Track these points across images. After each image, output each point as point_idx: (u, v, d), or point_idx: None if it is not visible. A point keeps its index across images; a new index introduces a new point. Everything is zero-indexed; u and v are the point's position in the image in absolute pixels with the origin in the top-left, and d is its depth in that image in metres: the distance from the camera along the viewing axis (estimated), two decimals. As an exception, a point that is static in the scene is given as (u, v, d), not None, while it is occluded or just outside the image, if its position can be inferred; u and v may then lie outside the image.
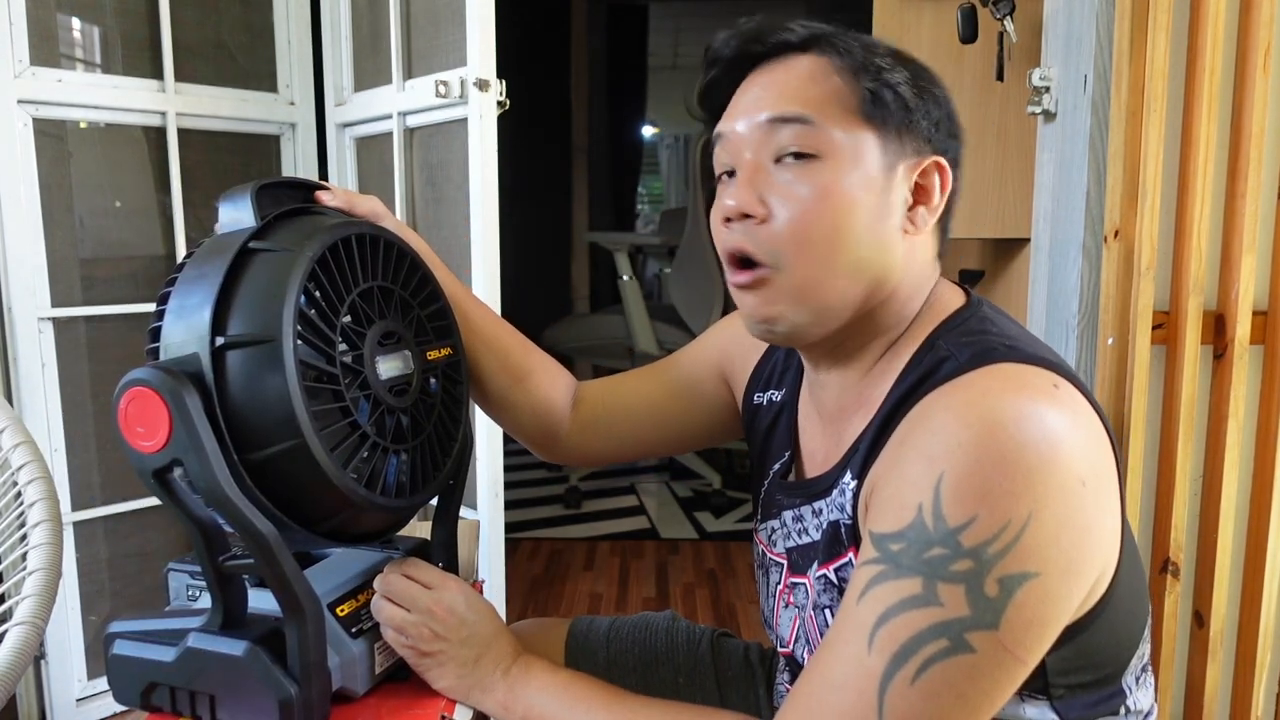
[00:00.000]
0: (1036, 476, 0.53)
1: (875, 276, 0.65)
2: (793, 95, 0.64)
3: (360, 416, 0.66)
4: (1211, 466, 1.18)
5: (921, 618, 0.53)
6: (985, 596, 0.52)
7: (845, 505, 0.65)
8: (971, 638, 0.52)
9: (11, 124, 1.48)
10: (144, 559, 1.74)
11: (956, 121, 0.68)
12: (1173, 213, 1.16)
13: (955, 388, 0.58)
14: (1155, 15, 1.10)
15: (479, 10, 1.48)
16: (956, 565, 0.53)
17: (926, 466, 0.55)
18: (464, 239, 1.57)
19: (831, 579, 0.67)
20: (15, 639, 0.88)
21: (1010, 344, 0.61)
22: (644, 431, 0.90)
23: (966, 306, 0.68)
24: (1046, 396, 0.56)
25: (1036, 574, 0.53)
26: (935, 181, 0.66)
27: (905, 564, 0.54)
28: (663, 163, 6.60)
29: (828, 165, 0.63)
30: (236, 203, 0.68)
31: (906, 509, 0.55)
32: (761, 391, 0.83)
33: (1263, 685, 1.20)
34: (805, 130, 0.63)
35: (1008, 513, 0.52)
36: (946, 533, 0.53)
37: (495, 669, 0.72)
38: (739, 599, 2.26)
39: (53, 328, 1.57)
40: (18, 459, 1.02)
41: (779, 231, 0.63)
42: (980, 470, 0.53)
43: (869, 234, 0.63)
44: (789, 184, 0.63)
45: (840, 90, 0.63)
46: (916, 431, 0.58)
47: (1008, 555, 0.52)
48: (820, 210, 0.62)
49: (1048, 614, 0.54)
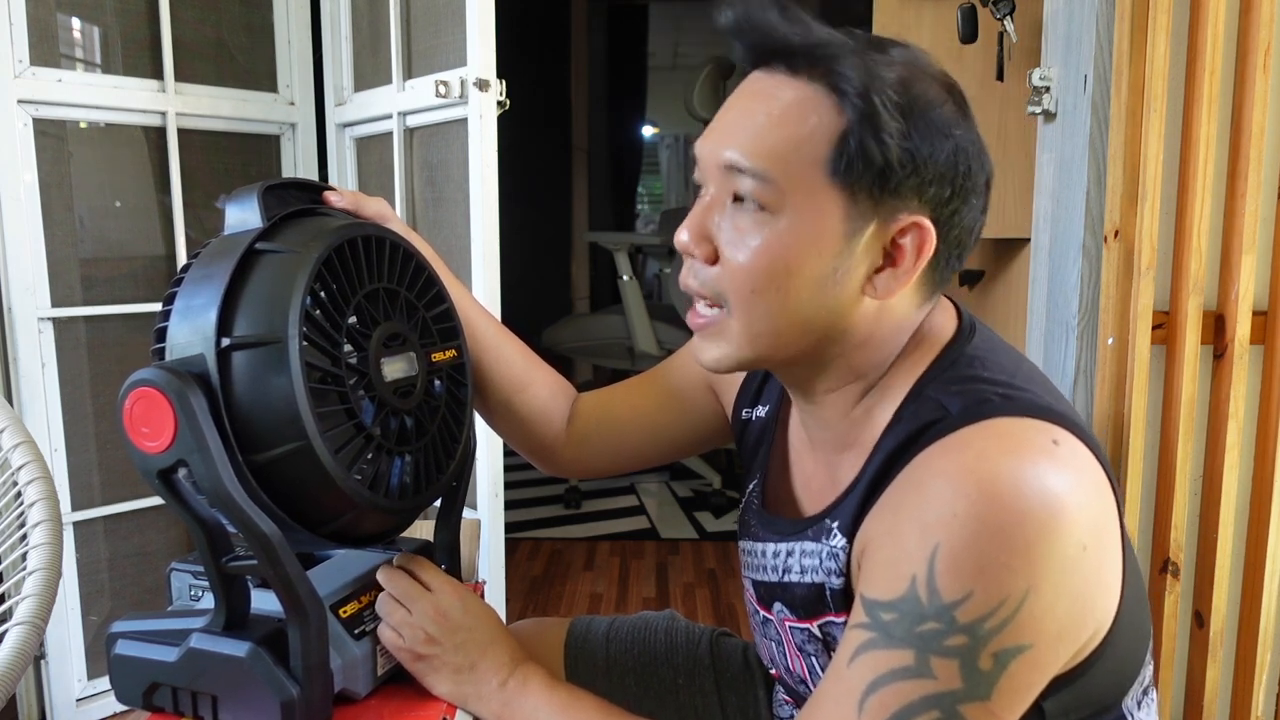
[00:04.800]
0: (1036, 550, 0.52)
1: (826, 334, 0.62)
2: (760, 139, 0.59)
3: (365, 418, 0.66)
4: (1211, 466, 1.18)
5: (913, 689, 0.53)
6: (979, 670, 0.52)
7: (836, 569, 0.63)
8: (964, 709, 0.52)
9: (11, 124, 1.48)
10: (144, 559, 1.74)
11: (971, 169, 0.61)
12: (1173, 213, 1.16)
13: (949, 448, 0.56)
14: (1155, 15, 1.10)
15: (479, 10, 1.48)
16: (951, 640, 0.52)
17: (921, 536, 0.53)
18: (464, 239, 1.57)
19: (815, 634, 0.67)
20: (15, 639, 0.88)
21: (1004, 393, 0.58)
22: (637, 444, 0.89)
23: (956, 341, 0.64)
24: (1046, 456, 0.54)
25: (1030, 645, 0.53)
26: (910, 244, 0.59)
27: (897, 635, 0.53)
28: (663, 163, 6.59)
29: (781, 221, 0.58)
30: (243, 203, 0.68)
31: (900, 579, 0.54)
32: (749, 407, 0.82)
33: (1263, 685, 1.20)
34: (763, 186, 0.58)
35: (1005, 589, 0.51)
36: (941, 608, 0.52)
37: (492, 678, 0.71)
38: (739, 599, 2.26)
39: (53, 328, 1.57)
40: (18, 459, 1.02)
41: (725, 275, 0.61)
42: (977, 544, 0.52)
43: (819, 295, 0.60)
44: (741, 230, 0.60)
45: (816, 135, 0.58)
46: (911, 497, 0.56)
47: (1003, 631, 0.52)
48: (767, 265, 0.59)
49: (1036, 680, 0.55)
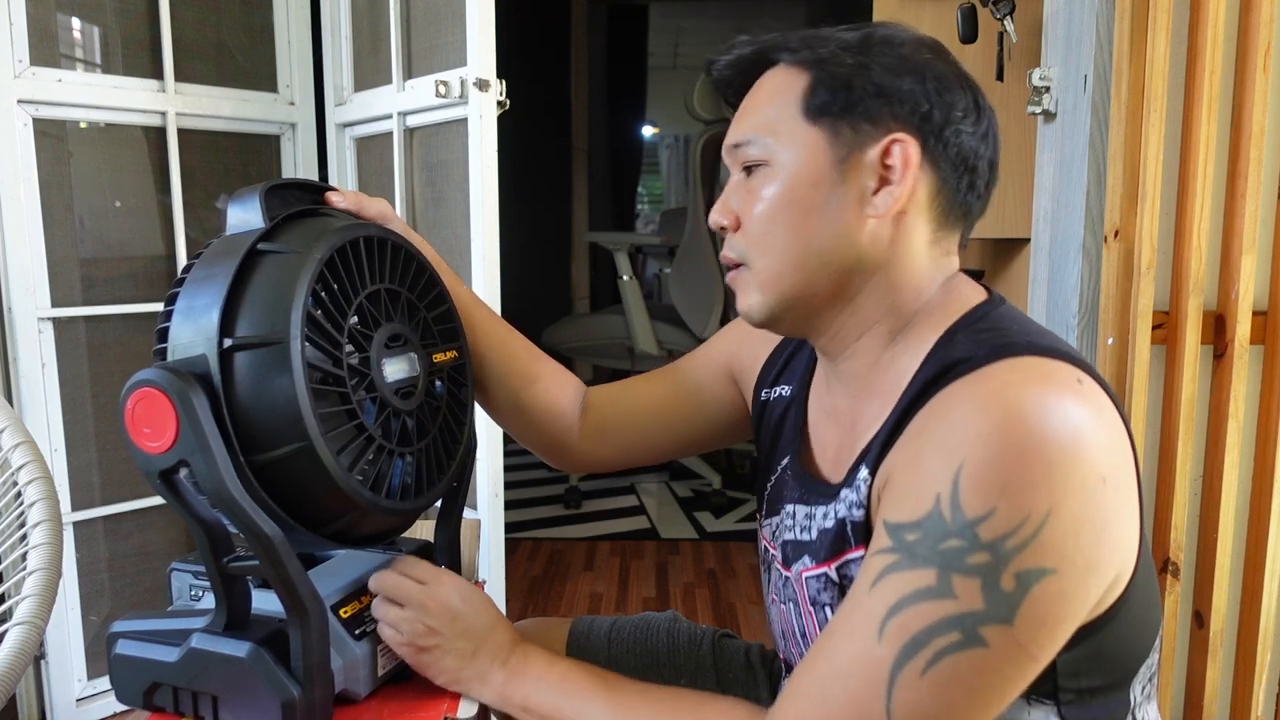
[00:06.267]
0: (1057, 471, 0.53)
1: (843, 264, 0.66)
2: (751, 117, 0.69)
3: (366, 419, 0.66)
4: (1211, 466, 1.18)
5: (934, 609, 0.53)
6: (1001, 591, 0.52)
7: (858, 501, 0.64)
8: (985, 632, 0.52)
9: (11, 124, 1.48)
10: (144, 559, 1.74)
11: (948, 87, 0.65)
12: (1173, 213, 1.16)
13: (975, 380, 0.57)
14: (1155, 15, 1.10)
15: (479, 10, 1.48)
16: (973, 558, 0.52)
17: (945, 457, 0.54)
18: (464, 239, 1.57)
19: (832, 577, 0.66)
20: (15, 639, 0.88)
21: (1031, 340, 0.60)
22: (654, 435, 0.90)
23: (987, 302, 0.68)
24: (1070, 390, 0.56)
25: (1054, 570, 0.53)
26: (898, 159, 0.64)
27: (920, 554, 0.54)
28: (663, 163, 6.59)
29: (775, 170, 0.67)
30: (245, 204, 0.68)
31: (924, 499, 0.54)
32: (770, 388, 0.84)
33: (1263, 685, 1.20)
34: (758, 146, 0.68)
35: (1027, 507, 0.52)
36: (964, 524, 0.53)
37: (493, 660, 0.72)
38: (739, 599, 2.26)
39: (53, 328, 1.57)
40: (18, 459, 1.02)
41: (745, 234, 0.69)
42: (1001, 462, 0.52)
43: (823, 225, 0.66)
44: (751, 191, 0.69)
45: (788, 93, 0.67)
46: (934, 423, 0.57)
47: (1026, 550, 0.52)
48: (772, 210, 0.67)
49: (1063, 611, 0.54)
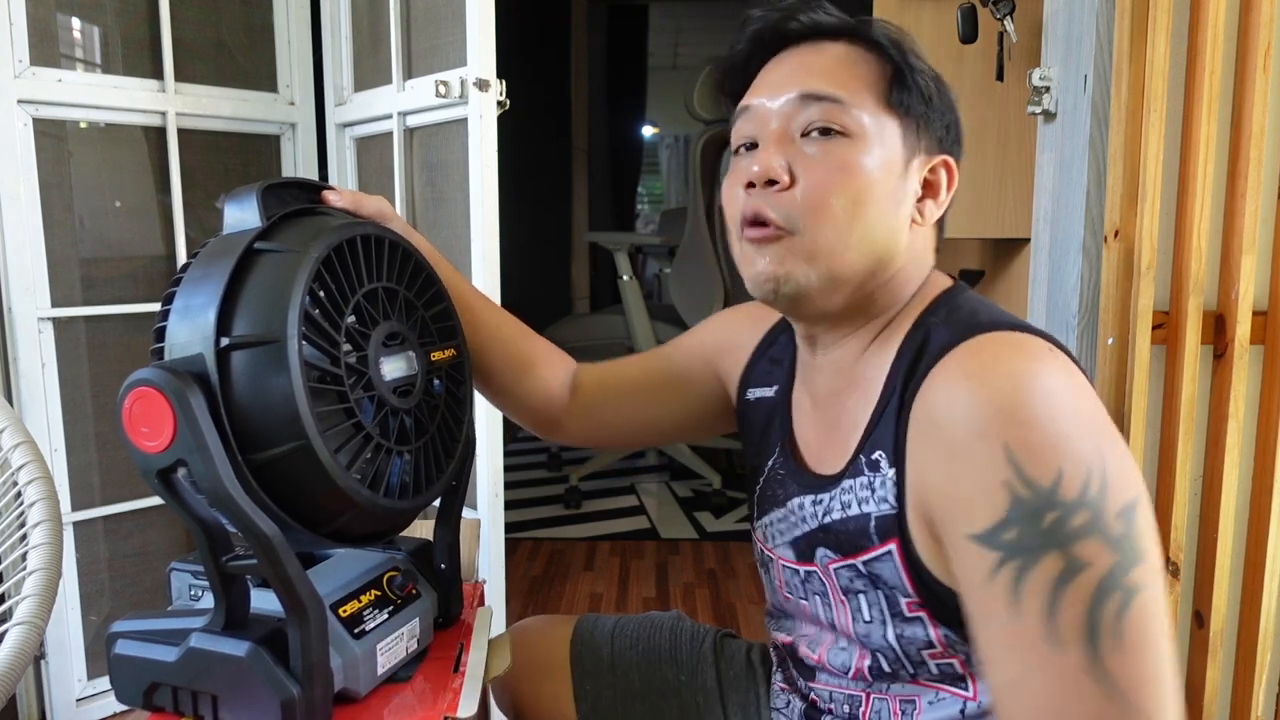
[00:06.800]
0: (1080, 416, 0.55)
1: (881, 257, 0.67)
2: (824, 75, 0.66)
3: (364, 418, 0.66)
4: (1211, 466, 1.18)
5: (1082, 588, 0.52)
6: (1116, 537, 0.52)
7: (885, 496, 0.63)
8: (1133, 579, 0.52)
9: (11, 124, 1.48)
10: (144, 559, 1.74)
11: (961, 129, 0.72)
12: (1173, 213, 1.16)
13: (957, 360, 0.59)
14: (1155, 15, 1.10)
15: (479, 10, 1.48)
16: (1076, 520, 0.52)
17: (986, 447, 0.54)
18: (464, 239, 1.57)
19: (860, 569, 0.66)
20: (15, 639, 0.88)
21: (994, 319, 0.63)
22: (639, 417, 0.91)
23: (953, 288, 0.71)
24: (1048, 355, 0.58)
25: (1136, 495, 0.54)
26: (943, 179, 0.69)
27: (1032, 544, 0.53)
28: (663, 163, 6.60)
29: (853, 143, 0.65)
30: (242, 203, 0.68)
31: (996, 493, 0.54)
32: (755, 389, 0.84)
33: (1263, 685, 1.20)
34: (835, 108, 0.65)
35: (1083, 455, 0.53)
36: (1047, 495, 0.53)
37: None
38: (739, 599, 2.26)
39: (53, 328, 1.57)
40: (18, 459, 1.02)
41: (800, 198, 0.65)
42: (1038, 426, 0.53)
43: (883, 215, 0.66)
44: (814, 156, 0.65)
45: (869, 77, 0.67)
46: (947, 423, 0.57)
47: (1108, 490, 0.53)
48: (842, 183, 0.64)
49: (1153, 522, 0.55)
